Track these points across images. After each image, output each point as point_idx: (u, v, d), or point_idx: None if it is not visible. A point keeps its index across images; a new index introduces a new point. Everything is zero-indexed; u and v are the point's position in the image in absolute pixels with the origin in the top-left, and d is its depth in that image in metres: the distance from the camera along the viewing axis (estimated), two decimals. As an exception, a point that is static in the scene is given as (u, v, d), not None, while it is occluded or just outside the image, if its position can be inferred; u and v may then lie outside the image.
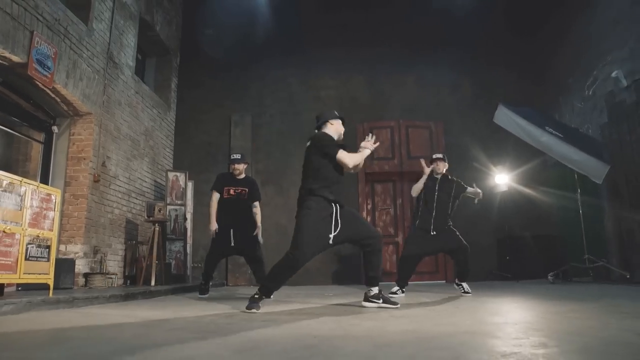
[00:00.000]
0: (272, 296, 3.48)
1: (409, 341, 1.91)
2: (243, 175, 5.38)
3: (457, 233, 5.02)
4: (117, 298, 4.31)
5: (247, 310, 3.10)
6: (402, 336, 2.05)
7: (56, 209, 4.09)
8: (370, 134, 3.67)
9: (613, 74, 6.78)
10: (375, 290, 3.44)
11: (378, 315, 2.87)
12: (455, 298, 4.34)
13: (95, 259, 6.05)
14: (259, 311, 3.09)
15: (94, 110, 6.18)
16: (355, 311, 3.16)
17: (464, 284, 4.93)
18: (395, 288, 4.90)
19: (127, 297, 4.52)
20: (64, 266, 5.11)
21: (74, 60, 5.67)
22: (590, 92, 7.42)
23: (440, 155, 5.28)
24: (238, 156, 5.39)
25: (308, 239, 3.16)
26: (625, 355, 1.58)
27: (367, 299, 3.43)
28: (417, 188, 5.17)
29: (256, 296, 3.20)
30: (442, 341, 1.89)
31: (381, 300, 3.40)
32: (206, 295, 5.13)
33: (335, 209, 3.32)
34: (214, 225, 5.10)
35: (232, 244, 5.09)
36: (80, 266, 5.70)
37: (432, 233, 4.97)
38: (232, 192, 5.20)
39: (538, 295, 4.47)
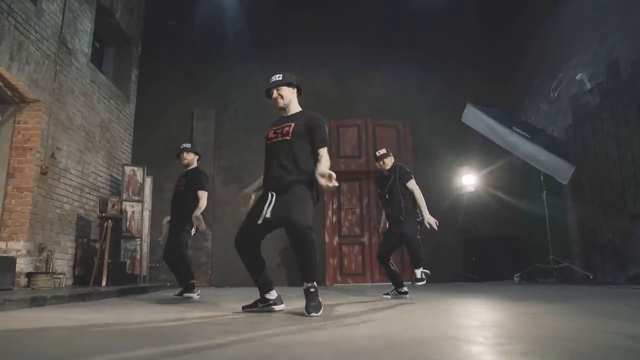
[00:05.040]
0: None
1: (377, 349, 1.70)
2: (194, 166, 5.00)
3: (410, 223, 4.57)
4: (60, 300, 3.94)
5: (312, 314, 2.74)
6: (370, 342, 1.84)
7: (-10, 201, 3.69)
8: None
9: (578, 77, 6.84)
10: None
11: (344, 319, 2.65)
12: (421, 300, 4.17)
13: (41, 258, 5.60)
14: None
15: (42, 97, 5.73)
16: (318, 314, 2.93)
17: (417, 271, 4.48)
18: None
19: (71, 299, 4.15)
20: (2, 265, 4.68)
21: (20, 42, 5.23)
22: (556, 95, 7.48)
23: (384, 151, 4.85)
24: (187, 145, 5.02)
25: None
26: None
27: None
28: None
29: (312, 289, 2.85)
30: (416, 349, 1.69)
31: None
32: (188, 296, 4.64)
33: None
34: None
35: None
36: (23, 265, 5.25)
37: (392, 229, 4.69)
38: (177, 186, 4.93)
39: (506, 296, 4.37)
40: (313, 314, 2.74)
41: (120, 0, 8.03)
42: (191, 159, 4.94)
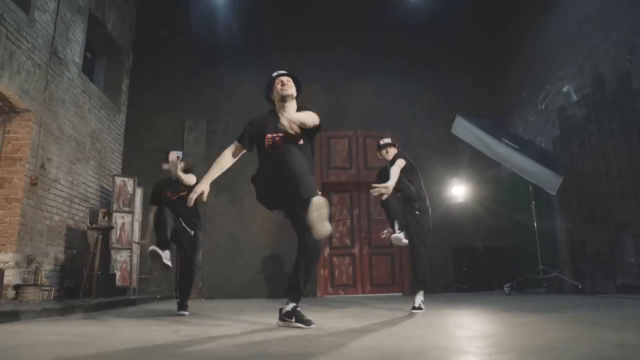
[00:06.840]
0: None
1: None
2: None
3: (419, 223, 4.09)
4: (50, 312, 3.90)
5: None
6: (365, 353, 1.85)
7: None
8: None
9: (564, 89, 6.97)
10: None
11: (336, 329, 2.66)
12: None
13: (30, 269, 5.53)
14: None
15: (33, 107, 5.71)
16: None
17: (416, 297, 3.96)
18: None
19: (62, 312, 4.10)
20: (-10, 277, 4.62)
21: (11, 51, 5.21)
22: (543, 106, 7.61)
23: (388, 140, 4.28)
24: (179, 153, 4.41)
25: None
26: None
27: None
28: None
29: None
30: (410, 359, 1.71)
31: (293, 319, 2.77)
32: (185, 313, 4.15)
33: None
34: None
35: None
36: (11, 277, 5.19)
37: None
38: (169, 194, 4.45)
39: (497, 306, 4.41)
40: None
41: (112, 10, 8.06)
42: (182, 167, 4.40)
